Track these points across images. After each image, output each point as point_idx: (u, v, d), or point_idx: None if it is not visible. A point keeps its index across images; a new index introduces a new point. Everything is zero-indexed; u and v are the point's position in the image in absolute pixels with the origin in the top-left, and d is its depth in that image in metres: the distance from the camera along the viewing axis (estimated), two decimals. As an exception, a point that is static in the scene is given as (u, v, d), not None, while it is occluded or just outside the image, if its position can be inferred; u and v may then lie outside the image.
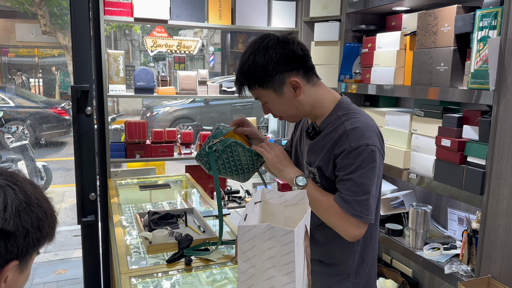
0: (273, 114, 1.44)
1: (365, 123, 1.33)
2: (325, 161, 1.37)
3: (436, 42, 1.98)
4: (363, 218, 1.30)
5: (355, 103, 2.73)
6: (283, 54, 1.32)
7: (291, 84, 1.34)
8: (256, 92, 1.38)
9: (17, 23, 14.58)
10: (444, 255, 2.06)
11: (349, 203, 1.29)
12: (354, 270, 1.45)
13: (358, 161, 1.28)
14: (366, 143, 1.28)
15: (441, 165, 1.95)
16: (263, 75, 1.32)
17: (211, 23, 2.93)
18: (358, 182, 1.28)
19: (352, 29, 2.69)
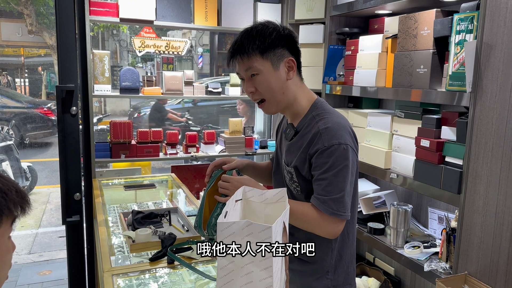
0: (255, 95, 1.41)
1: (337, 123, 1.37)
2: (301, 161, 1.40)
3: (416, 45, 2.03)
4: (340, 216, 1.33)
5: (339, 104, 2.81)
6: (289, 34, 1.40)
7: (288, 64, 1.39)
8: (252, 61, 1.36)
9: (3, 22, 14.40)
10: (424, 253, 2.10)
11: (326, 202, 1.33)
12: (332, 267, 1.48)
13: (332, 160, 1.32)
14: (338, 142, 1.32)
15: (420, 165, 1.99)
16: (270, 42, 1.35)
17: (197, 24, 2.95)
18: (333, 181, 1.32)
19: (336, 31, 2.73)
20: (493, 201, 1.63)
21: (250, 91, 1.41)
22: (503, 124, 1.57)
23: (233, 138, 3.21)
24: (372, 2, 2.32)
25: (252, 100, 1.45)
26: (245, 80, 1.42)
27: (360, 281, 2.60)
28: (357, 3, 2.44)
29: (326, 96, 2.77)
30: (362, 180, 2.74)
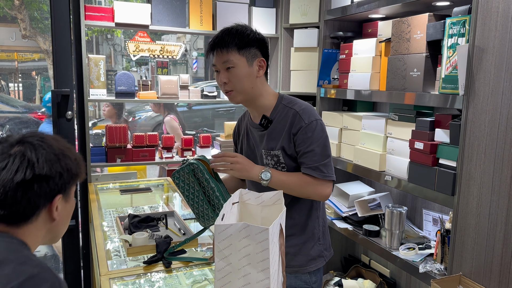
0: (225, 85, 1.60)
1: (308, 105, 1.65)
2: (286, 140, 1.62)
3: (409, 48, 2.05)
4: (330, 177, 1.61)
5: (334, 107, 2.83)
6: (263, 39, 1.65)
7: (259, 63, 1.61)
8: (230, 55, 1.56)
9: (-4, 27, 14.36)
10: (419, 254, 2.12)
11: (317, 169, 1.58)
12: (321, 233, 1.74)
13: (315, 134, 1.58)
14: (315, 119, 1.60)
15: (414, 167, 2.01)
16: (247, 41, 1.57)
17: (192, 28, 2.96)
18: (319, 151, 1.58)
19: (330, 35, 2.75)
20: (486, 202, 1.65)
21: (223, 81, 1.60)
22: (495, 126, 1.60)
23: (228, 142, 3.22)
24: (365, 6, 2.34)
25: (222, 90, 1.64)
26: (219, 72, 1.61)
27: (355, 283, 2.62)
28: (351, 7, 2.47)
29: (321, 99, 2.79)
30: (357, 183, 2.76)
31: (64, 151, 1.08)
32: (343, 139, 2.60)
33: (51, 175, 1.02)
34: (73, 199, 1.13)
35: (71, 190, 1.10)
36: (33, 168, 0.99)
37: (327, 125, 2.71)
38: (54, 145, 1.07)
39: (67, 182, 1.06)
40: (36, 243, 1.05)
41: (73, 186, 1.10)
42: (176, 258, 1.63)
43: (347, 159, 2.55)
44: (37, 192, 1.00)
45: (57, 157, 1.05)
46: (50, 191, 1.02)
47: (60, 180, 1.04)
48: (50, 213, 1.04)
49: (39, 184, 1.00)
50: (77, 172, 1.10)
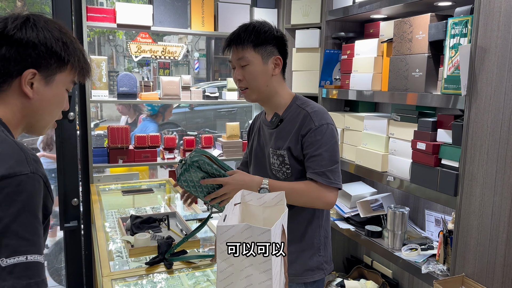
0: (240, 81, 1.58)
1: (321, 108, 1.60)
2: (293, 142, 1.57)
3: (411, 49, 2.05)
4: (337, 185, 1.53)
5: (335, 108, 2.83)
6: (281, 36, 1.60)
7: (275, 61, 1.58)
8: (245, 52, 1.54)
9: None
10: (421, 255, 2.11)
11: (324, 174, 1.52)
12: (322, 244, 1.67)
13: (323, 138, 1.52)
14: (326, 122, 1.55)
15: (417, 168, 2.01)
16: (263, 39, 1.54)
17: (194, 29, 2.97)
18: (327, 156, 1.52)
19: (332, 36, 2.75)
20: (489, 203, 1.65)
21: (238, 78, 1.58)
22: (498, 126, 1.59)
23: (230, 142, 3.22)
24: (367, 7, 2.34)
25: (237, 86, 1.63)
26: (236, 68, 1.59)
27: (358, 284, 2.61)
28: (352, 8, 2.46)
29: (322, 100, 2.79)
30: (359, 183, 2.76)
31: (51, 29, 1.02)
32: (345, 140, 2.60)
33: (22, 41, 0.97)
34: (60, 89, 1.06)
35: (54, 75, 1.04)
36: (5, 27, 0.97)
37: (329, 126, 2.70)
38: (46, 20, 1.03)
39: (43, 58, 1.00)
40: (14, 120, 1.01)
41: (58, 72, 1.04)
42: (178, 259, 1.63)
43: (349, 160, 2.54)
44: (5, 56, 0.96)
45: (36, 27, 1.00)
46: (21, 60, 0.98)
47: (34, 52, 0.98)
48: (22, 87, 0.99)
49: (8, 47, 0.96)
50: (61, 55, 1.02)
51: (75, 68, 1.08)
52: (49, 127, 1.12)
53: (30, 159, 0.91)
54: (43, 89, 1.02)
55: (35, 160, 0.92)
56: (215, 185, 1.52)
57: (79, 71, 1.10)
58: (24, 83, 0.99)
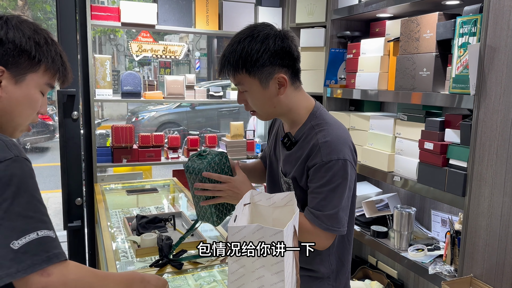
0: (247, 107, 1.40)
1: (337, 136, 1.33)
2: (299, 172, 1.38)
3: (419, 48, 2.03)
4: (335, 231, 1.32)
5: (340, 107, 2.81)
6: (281, 47, 1.29)
7: (278, 80, 1.32)
8: (240, 78, 1.32)
9: (0, 27, 14.35)
10: (428, 256, 2.10)
11: (319, 218, 1.31)
12: (334, 274, 1.46)
13: (329, 175, 1.29)
14: (337, 157, 1.29)
15: (424, 168, 1.99)
16: (255, 62, 1.28)
17: (198, 28, 2.95)
18: (328, 197, 1.30)
19: (337, 35, 2.74)
20: (498, 204, 1.63)
21: (242, 103, 1.40)
22: (507, 126, 1.58)
23: (234, 142, 3.21)
24: (373, 5, 2.32)
25: (245, 109, 1.43)
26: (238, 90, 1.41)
27: (363, 284, 2.60)
28: (358, 6, 2.45)
29: (327, 99, 2.78)
30: (364, 183, 2.75)
31: (23, 28, 1.01)
32: (350, 139, 2.58)
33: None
34: (31, 90, 1.03)
35: (25, 74, 1.01)
36: None
37: (334, 125, 2.68)
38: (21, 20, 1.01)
39: (11, 55, 0.98)
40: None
41: (29, 72, 1.01)
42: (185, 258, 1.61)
43: (355, 160, 2.52)
44: None
45: (7, 25, 0.99)
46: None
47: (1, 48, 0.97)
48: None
49: None
50: (31, 53, 1.00)
51: (50, 70, 1.05)
52: (21, 130, 1.07)
53: (10, 144, 0.90)
54: (12, 88, 0.99)
55: (14, 145, 0.92)
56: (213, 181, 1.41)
57: (55, 74, 1.07)
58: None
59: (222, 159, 1.43)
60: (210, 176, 1.37)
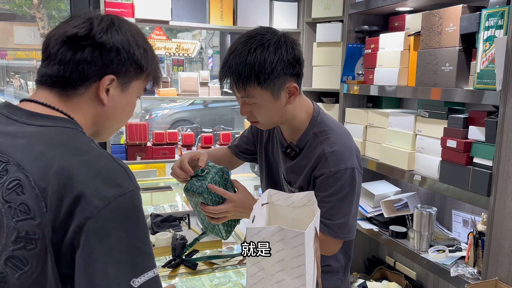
0: (249, 117, 1.33)
1: (342, 145, 1.31)
2: (305, 182, 1.37)
3: (441, 42, 1.96)
4: (345, 238, 1.32)
5: (358, 104, 2.75)
6: (293, 56, 1.25)
7: (289, 90, 1.27)
8: (250, 91, 1.23)
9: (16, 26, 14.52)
10: (449, 257, 2.04)
11: (329, 227, 1.30)
12: (342, 268, 1.50)
13: (338, 185, 1.28)
14: (345, 167, 1.28)
15: (446, 167, 1.93)
16: (269, 74, 1.20)
17: (213, 23, 2.91)
18: (337, 205, 1.29)
19: (354, 30, 2.67)
20: (526, 204, 1.56)
21: (245, 115, 1.32)
22: (537, 123, 1.51)
23: (248, 140, 3.16)
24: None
25: (246, 119, 1.38)
26: (240, 102, 1.30)
27: (380, 285, 2.54)
28: (376, 0, 2.38)
29: (344, 96, 2.72)
30: (382, 182, 2.68)
31: (134, 34, 0.97)
32: (368, 137, 2.52)
33: (106, 45, 0.91)
34: (133, 98, 1.01)
35: (130, 82, 0.97)
36: (91, 28, 0.90)
37: (351, 123, 2.63)
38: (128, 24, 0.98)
39: (123, 64, 0.94)
40: (85, 126, 0.95)
41: (134, 79, 0.98)
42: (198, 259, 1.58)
43: (372, 158, 2.47)
44: (87, 58, 0.90)
45: (121, 31, 0.94)
46: (102, 65, 0.91)
47: (117, 58, 0.92)
48: (99, 92, 0.92)
49: (91, 50, 0.90)
50: (141, 63, 0.97)
51: (150, 75, 1.03)
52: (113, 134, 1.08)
53: (130, 173, 0.87)
54: (118, 96, 0.96)
55: (131, 172, 0.88)
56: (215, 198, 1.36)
57: (152, 79, 1.05)
58: (101, 89, 0.93)
59: (223, 175, 1.38)
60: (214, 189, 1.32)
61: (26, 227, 0.76)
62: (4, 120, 0.87)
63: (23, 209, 0.77)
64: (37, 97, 0.91)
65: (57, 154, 0.80)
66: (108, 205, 0.78)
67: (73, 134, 0.87)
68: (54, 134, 0.85)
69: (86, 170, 0.80)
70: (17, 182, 0.78)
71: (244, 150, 1.66)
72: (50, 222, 0.76)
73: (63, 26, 0.93)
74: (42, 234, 0.76)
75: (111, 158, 0.86)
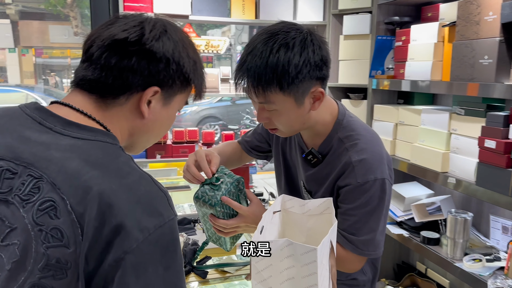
0: (267, 124, 1.19)
1: (372, 152, 1.17)
2: (328, 192, 1.24)
3: (479, 32, 1.80)
4: (370, 255, 1.20)
5: (388, 101, 2.58)
6: (320, 57, 1.10)
7: (314, 95, 1.13)
8: (270, 96, 1.09)
9: (50, 25, 14.91)
10: (486, 267, 1.87)
11: (353, 243, 1.18)
12: (369, 282, 1.38)
13: (365, 198, 1.15)
14: (374, 178, 1.14)
15: (484, 169, 1.76)
16: (293, 78, 1.06)
17: (234, 17, 2.81)
18: (363, 220, 1.16)
19: (384, 21, 2.52)
20: None
21: (263, 121, 1.18)
22: None
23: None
24: (426, -13, 2.09)
25: (264, 126, 1.24)
26: (258, 107, 1.16)
27: (411, 294, 2.39)
28: (408, -11, 2.22)
29: (373, 91, 2.56)
30: (414, 184, 2.52)
31: (186, 44, 0.89)
32: (398, 136, 2.37)
33: (156, 54, 0.83)
34: (174, 112, 0.93)
35: (174, 96, 0.89)
36: (142, 34, 0.82)
37: (380, 120, 2.48)
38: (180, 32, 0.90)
39: (171, 76, 0.86)
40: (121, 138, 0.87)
41: (178, 93, 0.89)
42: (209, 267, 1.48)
43: (403, 158, 2.31)
44: (133, 66, 0.81)
45: (174, 40, 0.86)
46: (148, 75, 0.83)
47: (165, 69, 0.84)
48: (140, 104, 0.84)
49: (138, 57, 0.82)
50: (189, 77, 0.89)
51: (195, 89, 0.95)
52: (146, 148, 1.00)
53: (169, 198, 0.79)
54: (159, 109, 0.88)
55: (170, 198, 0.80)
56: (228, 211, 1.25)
57: (196, 93, 0.97)
58: (143, 101, 0.85)
59: (238, 186, 1.26)
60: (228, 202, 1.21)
61: (58, 255, 0.69)
62: (37, 127, 0.77)
63: (55, 234, 0.69)
64: (73, 102, 0.83)
65: (96, 175, 0.72)
66: (148, 237, 0.70)
67: (113, 151, 0.79)
68: (92, 150, 0.76)
69: (127, 196, 0.72)
70: (51, 204, 0.70)
71: (256, 147, 1.54)
72: (85, 252, 0.69)
73: (110, 28, 0.84)
74: (75, 264, 0.69)
75: (152, 181, 0.77)
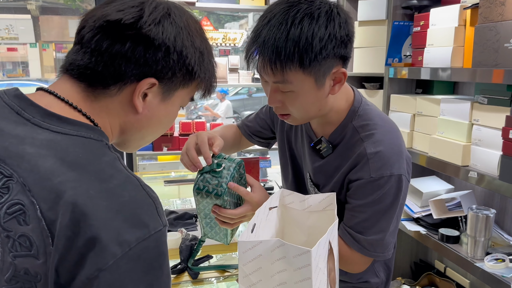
0: (279, 109, 1.07)
1: (390, 144, 1.06)
2: (338, 186, 1.13)
3: (504, 14, 1.65)
4: (378, 257, 1.12)
5: (405, 90, 2.44)
6: (347, 32, 0.98)
7: (336, 76, 1.01)
8: (289, 75, 0.97)
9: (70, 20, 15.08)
10: (510, 268, 1.74)
11: (360, 242, 1.08)
12: (382, 284, 1.30)
13: (377, 194, 1.04)
14: (390, 173, 1.03)
15: (508, 162, 1.63)
16: (317, 53, 0.94)
17: (243, 4, 2.71)
18: (374, 219, 1.06)
19: (401, 5, 2.38)
20: None
21: (276, 105, 1.05)
22: None
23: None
24: (446, -34, 1.95)
25: (274, 110, 1.11)
26: (270, 88, 1.03)
27: (429, 294, 2.27)
28: (427, -30, 2.08)
29: (389, 80, 2.43)
30: (433, 178, 2.39)
31: (192, 31, 0.78)
32: (416, 127, 2.24)
33: (154, 41, 0.73)
34: (175, 109, 0.83)
35: (175, 90, 0.79)
36: (140, 16, 0.73)
37: (396, 111, 2.35)
38: (187, 16, 0.79)
39: (171, 68, 0.76)
40: (111, 134, 0.78)
41: (180, 87, 0.80)
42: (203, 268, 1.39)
43: (421, 151, 2.18)
44: (127, 53, 0.72)
45: (177, 25, 0.76)
46: (144, 64, 0.73)
47: (164, 59, 0.74)
48: (133, 97, 0.75)
49: (133, 44, 0.72)
50: (193, 69, 0.78)
51: (201, 84, 0.84)
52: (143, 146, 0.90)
53: (159, 205, 0.69)
54: (156, 104, 0.79)
55: (160, 205, 0.70)
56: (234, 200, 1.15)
57: (204, 88, 0.86)
58: (137, 94, 0.75)
59: (239, 170, 1.16)
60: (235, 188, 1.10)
61: (26, 265, 0.61)
62: (13, 117, 0.68)
63: (24, 242, 0.61)
64: (58, 89, 0.73)
65: (73, 177, 0.63)
66: (129, 252, 0.62)
67: (97, 148, 0.70)
68: (72, 147, 0.67)
69: (106, 203, 0.63)
70: (20, 207, 0.62)
71: (257, 132, 1.42)
72: (55, 264, 0.60)
73: (105, 7, 0.74)
74: (45, 277, 0.61)
75: (139, 185, 0.68)
